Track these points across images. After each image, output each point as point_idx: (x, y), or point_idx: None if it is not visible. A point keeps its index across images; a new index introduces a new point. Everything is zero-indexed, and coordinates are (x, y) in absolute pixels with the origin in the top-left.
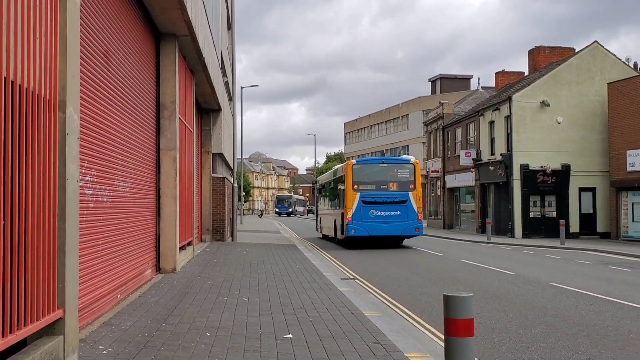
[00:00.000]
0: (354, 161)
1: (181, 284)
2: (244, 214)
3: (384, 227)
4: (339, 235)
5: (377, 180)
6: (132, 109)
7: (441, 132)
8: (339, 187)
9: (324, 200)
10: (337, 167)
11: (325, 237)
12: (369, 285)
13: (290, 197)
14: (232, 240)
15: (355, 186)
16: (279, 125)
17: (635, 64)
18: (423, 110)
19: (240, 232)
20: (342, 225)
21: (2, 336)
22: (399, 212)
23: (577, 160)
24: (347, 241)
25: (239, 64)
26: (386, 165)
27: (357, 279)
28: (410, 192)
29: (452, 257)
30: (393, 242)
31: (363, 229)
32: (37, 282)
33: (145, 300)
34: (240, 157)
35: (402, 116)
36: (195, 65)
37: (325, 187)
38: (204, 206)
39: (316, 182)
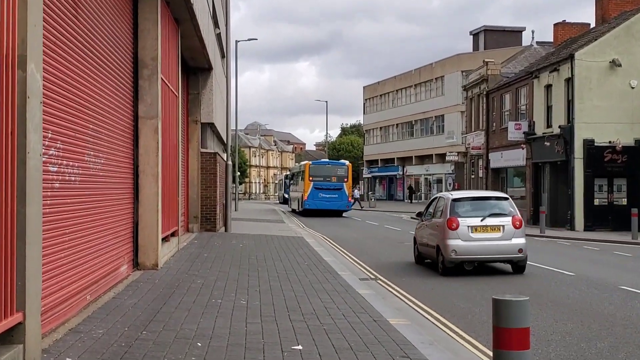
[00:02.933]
0: (310, 162)
1: (164, 283)
2: (239, 199)
3: (327, 204)
4: (299, 208)
5: (324, 174)
6: (104, 67)
7: (484, 98)
8: (301, 177)
9: (293, 185)
10: (302, 163)
11: (293, 211)
12: (394, 286)
13: None
14: (226, 230)
15: (310, 178)
16: (284, 89)
17: None
18: (462, 71)
19: (236, 221)
20: (301, 202)
21: None
22: (336, 195)
23: None
24: (304, 212)
25: (235, 12)
26: (330, 165)
27: (380, 279)
28: (344, 183)
29: None
30: (335, 214)
31: (314, 204)
32: None
33: (120, 302)
34: (235, 128)
35: (435, 78)
36: (181, 13)
37: (294, 177)
38: (190, 188)
39: (289, 171)
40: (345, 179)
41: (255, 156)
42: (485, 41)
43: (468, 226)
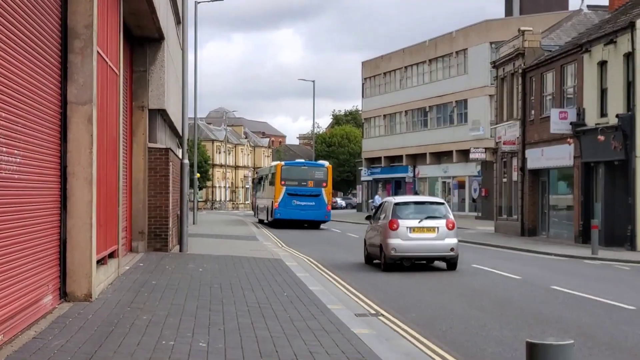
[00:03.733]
0: (282, 163)
1: (100, 320)
2: (199, 209)
3: (301, 213)
4: (269, 218)
5: (299, 178)
6: (21, 38)
7: (520, 78)
8: (270, 181)
9: (261, 191)
10: (272, 164)
11: (260, 221)
12: (401, 324)
13: None
14: (181, 250)
15: (283, 182)
16: (259, 65)
17: None
18: (491, 43)
19: (194, 238)
20: (271, 211)
21: None
22: (313, 203)
23: None
24: (274, 223)
25: None
26: (306, 167)
27: (382, 314)
28: (323, 189)
29: (534, 281)
30: (312, 226)
31: (286, 213)
32: None
33: (43, 344)
34: (194, 116)
35: (456, 52)
36: None
37: (263, 180)
38: (135, 196)
39: (256, 173)
40: (324, 184)
41: (220, 152)
42: (522, 4)
43: (407, 227)
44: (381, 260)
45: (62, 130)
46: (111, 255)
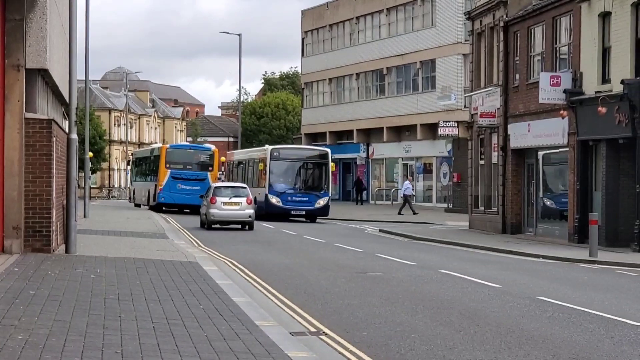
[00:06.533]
0: (167, 145)
1: None
2: (92, 198)
3: (187, 197)
4: (151, 202)
5: (184, 162)
6: None
7: (502, 33)
8: (154, 164)
9: (141, 173)
10: (153, 146)
11: (137, 206)
12: (348, 346)
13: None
14: (67, 250)
15: (167, 165)
16: (172, 14)
17: None
18: None
19: (85, 235)
20: (154, 194)
21: None
22: (199, 187)
23: None
24: (157, 207)
25: None
26: (192, 150)
27: (324, 333)
28: (209, 173)
29: (517, 290)
30: (194, 212)
31: (170, 197)
32: None
33: None
34: (85, 77)
35: (422, 0)
36: None
37: (142, 162)
38: (7, 181)
39: (133, 155)
40: (210, 168)
41: (119, 125)
42: None
43: (222, 202)
44: (206, 223)
45: None
46: None
